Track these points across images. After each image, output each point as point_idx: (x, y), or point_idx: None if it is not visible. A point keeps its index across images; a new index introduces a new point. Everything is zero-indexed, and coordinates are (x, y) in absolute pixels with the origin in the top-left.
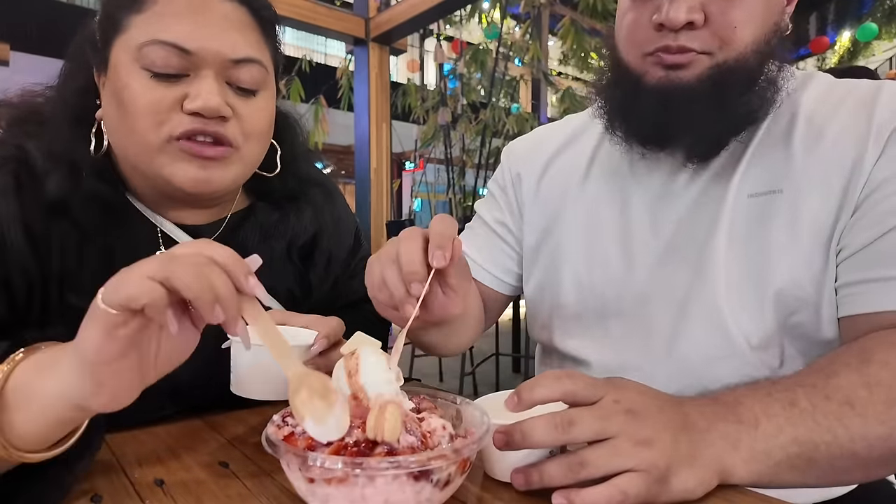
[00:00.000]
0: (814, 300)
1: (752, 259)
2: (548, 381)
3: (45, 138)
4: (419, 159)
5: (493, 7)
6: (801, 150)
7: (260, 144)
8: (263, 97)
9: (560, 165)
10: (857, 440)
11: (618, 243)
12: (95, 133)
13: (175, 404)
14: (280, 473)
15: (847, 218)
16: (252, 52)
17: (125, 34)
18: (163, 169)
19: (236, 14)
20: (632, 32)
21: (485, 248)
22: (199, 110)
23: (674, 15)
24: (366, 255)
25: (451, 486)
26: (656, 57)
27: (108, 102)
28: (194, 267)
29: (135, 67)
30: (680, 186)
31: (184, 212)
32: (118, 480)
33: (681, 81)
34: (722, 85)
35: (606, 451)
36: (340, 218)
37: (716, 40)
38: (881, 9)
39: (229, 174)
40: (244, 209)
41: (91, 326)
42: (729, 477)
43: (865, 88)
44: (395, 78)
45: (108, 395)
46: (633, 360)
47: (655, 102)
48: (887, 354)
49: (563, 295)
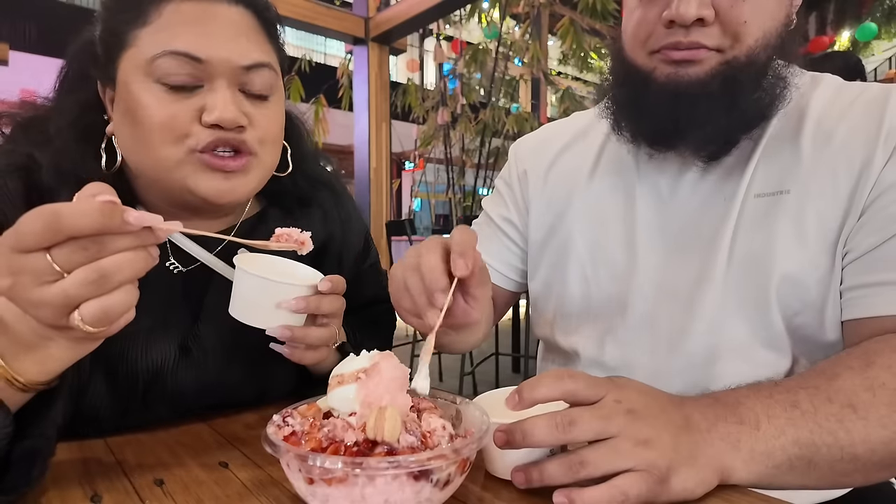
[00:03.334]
0: (818, 302)
1: (758, 259)
2: (549, 381)
3: (52, 154)
4: (419, 159)
5: (493, 7)
6: (810, 152)
7: (276, 149)
8: (275, 101)
9: (567, 162)
10: (858, 443)
11: (623, 241)
12: (106, 148)
13: (178, 413)
14: (280, 473)
15: (854, 221)
16: (262, 57)
17: (132, 49)
18: (185, 181)
19: (243, 19)
20: (639, 30)
21: (491, 245)
22: (217, 122)
23: (684, 10)
24: (374, 261)
25: (450, 485)
26: (663, 54)
27: (120, 120)
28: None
29: (147, 82)
30: (687, 185)
31: (195, 222)
32: (118, 480)
33: (690, 78)
34: (732, 81)
35: (607, 450)
36: (349, 222)
37: (726, 36)
38: (880, 8)
39: (251, 182)
40: (254, 216)
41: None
42: (729, 477)
43: (876, 91)
44: (394, 78)
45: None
46: (637, 357)
47: (665, 99)
48: (890, 358)
49: (569, 291)
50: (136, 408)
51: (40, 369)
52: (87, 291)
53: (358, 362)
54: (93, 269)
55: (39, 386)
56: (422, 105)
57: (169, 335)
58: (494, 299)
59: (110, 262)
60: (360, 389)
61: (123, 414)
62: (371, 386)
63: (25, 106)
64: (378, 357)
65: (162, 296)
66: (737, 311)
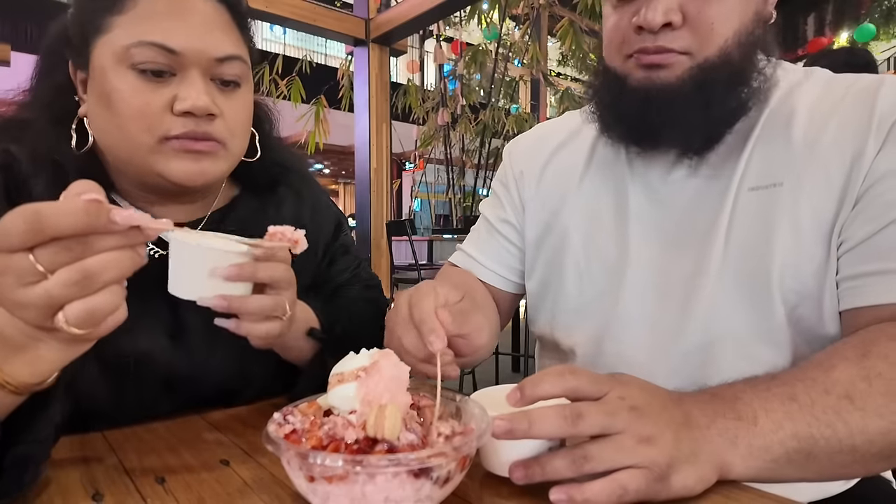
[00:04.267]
0: (815, 293)
1: (754, 252)
2: (552, 377)
3: (28, 140)
4: (419, 159)
5: (493, 8)
6: (802, 144)
7: (244, 138)
8: (244, 90)
9: (561, 160)
10: (856, 434)
11: (617, 238)
12: (77, 129)
13: (170, 400)
14: (281, 471)
15: (848, 211)
16: (234, 50)
17: (107, 35)
18: (156, 165)
19: (216, 13)
20: (614, 35)
21: (489, 248)
22: (189, 110)
23: (651, 17)
24: (346, 242)
25: (450, 482)
26: (636, 59)
27: (94, 103)
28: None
29: (121, 69)
30: (678, 181)
31: (167, 208)
32: (119, 479)
33: (661, 81)
34: (704, 83)
35: (610, 446)
36: (318, 204)
37: (695, 39)
38: (879, 9)
39: (221, 166)
40: (226, 205)
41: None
42: (728, 473)
43: (867, 82)
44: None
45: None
46: (634, 355)
47: (638, 103)
48: (886, 347)
49: (565, 288)
50: (130, 391)
51: (31, 371)
52: (71, 292)
53: (358, 360)
54: (76, 269)
55: (32, 387)
56: (422, 106)
57: (152, 319)
58: (498, 303)
59: (95, 261)
60: (360, 387)
61: (118, 398)
62: (371, 384)
63: (3, 105)
64: (378, 355)
65: (142, 280)
66: (735, 305)
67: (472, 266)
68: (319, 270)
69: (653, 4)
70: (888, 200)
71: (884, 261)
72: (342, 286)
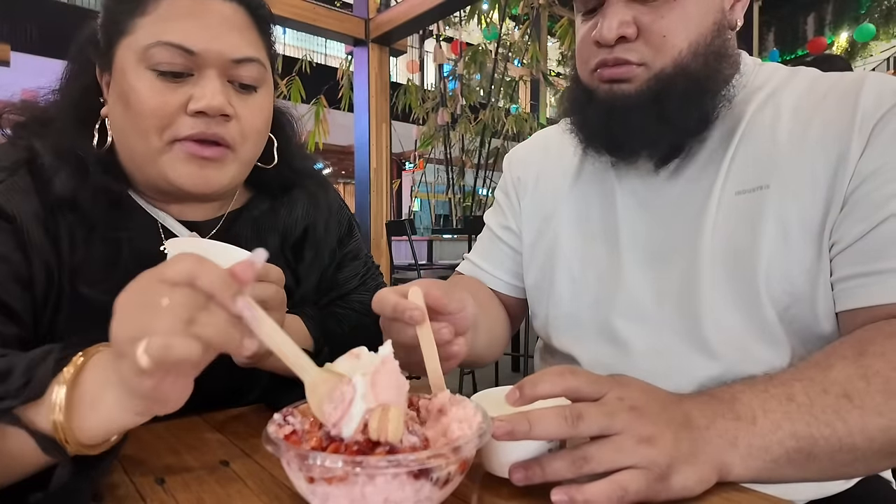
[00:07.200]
0: (808, 294)
1: (742, 255)
2: (551, 377)
3: (51, 136)
4: (419, 159)
5: (493, 8)
6: (787, 145)
7: (257, 144)
8: (262, 94)
9: (555, 165)
10: (855, 433)
11: (607, 243)
12: (99, 129)
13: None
14: (281, 472)
15: (836, 212)
16: (252, 52)
17: (130, 36)
18: (164, 168)
19: (236, 15)
20: (581, 50)
21: (493, 256)
22: (203, 109)
23: (606, 32)
24: (355, 248)
25: (450, 484)
26: (598, 73)
27: (114, 102)
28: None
29: (140, 68)
30: (660, 187)
31: (184, 207)
32: (119, 479)
33: (623, 94)
34: (661, 94)
35: (610, 447)
36: (331, 209)
37: (649, 51)
38: (878, 9)
39: (226, 174)
40: (242, 206)
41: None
42: (727, 474)
43: (849, 80)
44: (395, 78)
45: (168, 405)
46: (629, 359)
47: (602, 115)
48: (883, 345)
49: (557, 292)
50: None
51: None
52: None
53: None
54: (186, 307)
55: (83, 450)
56: (422, 106)
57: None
58: (508, 308)
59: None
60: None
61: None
62: (375, 388)
63: (26, 106)
64: (379, 359)
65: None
66: (729, 308)
67: (479, 274)
68: (326, 275)
69: (608, 19)
70: (876, 200)
71: (877, 261)
72: (347, 295)
